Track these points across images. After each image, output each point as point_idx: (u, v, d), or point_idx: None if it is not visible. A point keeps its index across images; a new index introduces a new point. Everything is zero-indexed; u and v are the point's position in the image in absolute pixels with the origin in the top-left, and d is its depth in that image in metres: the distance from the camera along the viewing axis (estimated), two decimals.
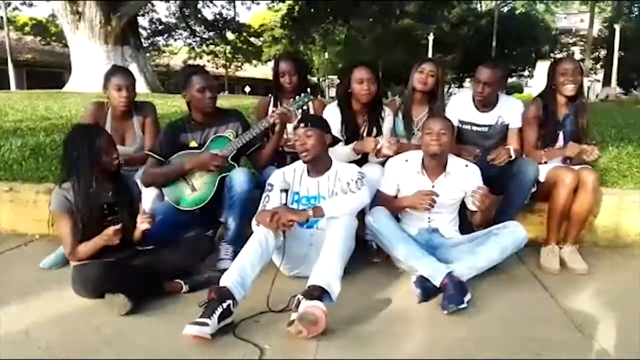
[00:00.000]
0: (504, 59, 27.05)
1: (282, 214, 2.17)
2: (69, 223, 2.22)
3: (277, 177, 2.50)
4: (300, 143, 2.44)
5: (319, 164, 2.51)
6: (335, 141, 2.61)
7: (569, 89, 2.81)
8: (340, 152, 2.77)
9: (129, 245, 2.32)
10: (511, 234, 2.38)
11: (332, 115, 2.94)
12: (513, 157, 2.76)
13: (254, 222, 2.33)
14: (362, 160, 2.85)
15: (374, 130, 2.94)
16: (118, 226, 2.18)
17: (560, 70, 2.83)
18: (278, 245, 2.21)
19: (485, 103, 2.94)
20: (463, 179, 2.55)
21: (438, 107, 3.01)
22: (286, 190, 2.32)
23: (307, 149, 2.43)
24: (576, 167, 2.75)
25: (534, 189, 2.81)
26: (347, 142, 2.89)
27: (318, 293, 1.95)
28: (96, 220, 2.23)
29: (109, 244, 2.19)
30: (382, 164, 2.76)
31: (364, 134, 2.93)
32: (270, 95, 3.32)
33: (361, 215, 2.71)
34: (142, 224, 2.26)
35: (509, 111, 2.96)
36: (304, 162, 2.49)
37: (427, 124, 2.53)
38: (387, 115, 3.00)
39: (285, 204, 2.29)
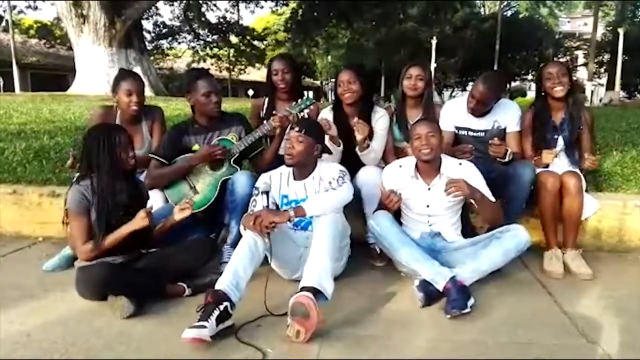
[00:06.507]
0: (507, 63, 27.05)
1: (264, 217, 2.17)
2: (84, 221, 2.21)
3: (262, 180, 2.50)
4: (289, 146, 2.44)
5: (303, 169, 2.52)
6: (325, 151, 2.61)
7: (558, 91, 2.83)
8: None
9: (133, 248, 2.32)
10: (514, 237, 2.36)
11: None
12: (507, 159, 2.76)
13: (241, 227, 2.34)
14: (359, 163, 2.83)
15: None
16: (149, 207, 2.19)
17: (545, 75, 2.87)
18: (267, 247, 2.22)
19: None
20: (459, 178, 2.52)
21: (431, 109, 3.02)
22: (267, 192, 2.32)
23: (292, 154, 2.43)
24: (560, 172, 2.76)
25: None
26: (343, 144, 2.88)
27: (310, 293, 1.94)
28: (115, 219, 2.22)
29: (138, 228, 2.19)
30: (381, 167, 2.75)
31: (356, 134, 2.91)
32: (264, 97, 3.31)
33: (363, 218, 2.71)
34: (183, 212, 2.31)
35: (505, 115, 2.96)
36: (287, 165, 2.50)
37: (414, 129, 2.53)
38: (381, 116, 2.96)
39: (267, 206, 2.29)
